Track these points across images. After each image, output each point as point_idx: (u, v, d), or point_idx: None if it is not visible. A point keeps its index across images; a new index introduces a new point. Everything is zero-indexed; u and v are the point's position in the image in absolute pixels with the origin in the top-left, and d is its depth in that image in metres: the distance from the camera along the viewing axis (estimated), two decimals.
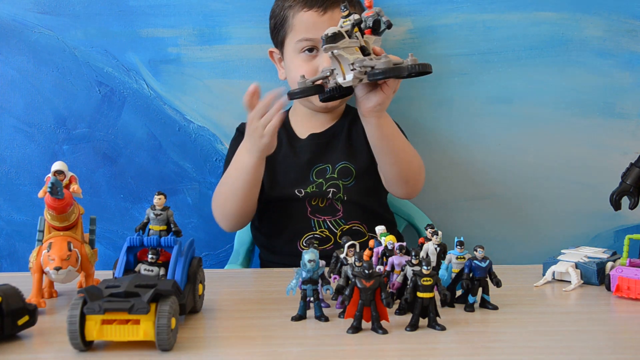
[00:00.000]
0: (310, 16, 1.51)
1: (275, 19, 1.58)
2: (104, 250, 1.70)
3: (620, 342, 0.93)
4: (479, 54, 1.71)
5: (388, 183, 1.49)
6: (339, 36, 1.18)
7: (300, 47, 1.52)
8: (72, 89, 1.69)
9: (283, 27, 1.56)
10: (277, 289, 1.17)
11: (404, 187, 1.49)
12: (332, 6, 1.50)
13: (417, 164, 1.49)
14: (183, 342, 0.88)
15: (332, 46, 1.18)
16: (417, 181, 1.50)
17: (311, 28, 1.50)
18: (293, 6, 1.53)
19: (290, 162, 1.56)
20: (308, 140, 1.59)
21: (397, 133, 1.43)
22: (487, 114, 1.73)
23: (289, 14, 1.54)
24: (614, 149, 1.73)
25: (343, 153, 1.57)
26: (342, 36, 1.18)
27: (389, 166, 1.45)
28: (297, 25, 1.53)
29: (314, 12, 1.50)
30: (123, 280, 0.88)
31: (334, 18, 1.49)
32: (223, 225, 1.53)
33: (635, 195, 1.29)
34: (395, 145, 1.42)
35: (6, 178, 1.70)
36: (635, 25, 1.70)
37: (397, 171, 1.45)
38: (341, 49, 1.18)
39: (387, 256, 1.07)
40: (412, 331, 0.93)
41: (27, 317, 0.91)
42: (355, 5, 1.55)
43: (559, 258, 1.25)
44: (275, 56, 1.62)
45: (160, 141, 1.71)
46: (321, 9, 1.50)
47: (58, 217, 1.05)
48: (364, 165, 1.56)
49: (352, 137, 1.60)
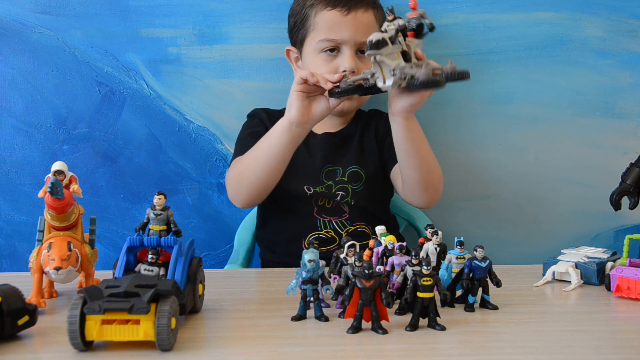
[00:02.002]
0: (334, 15, 1.50)
1: (296, 17, 1.57)
2: (104, 250, 1.70)
3: (620, 342, 0.93)
4: (479, 54, 1.71)
5: (407, 189, 1.46)
6: (383, 43, 1.17)
7: (322, 47, 1.51)
8: (72, 89, 1.69)
9: (304, 26, 1.54)
10: (277, 289, 1.17)
11: (422, 195, 1.45)
12: (356, 6, 1.49)
13: (438, 175, 1.46)
14: (183, 342, 0.88)
15: (375, 52, 1.17)
16: (436, 192, 1.47)
17: (334, 28, 1.49)
18: (315, 5, 1.52)
19: (302, 158, 1.55)
20: (322, 137, 1.58)
21: (423, 138, 1.40)
22: (487, 114, 1.73)
23: (311, 12, 1.52)
24: (614, 149, 1.73)
25: (354, 157, 1.57)
26: (386, 43, 1.17)
27: (411, 170, 1.41)
28: (319, 24, 1.51)
29: (338, 11, 1.49)
30: (123, 280, 0.88)
31: (357, 18, 1.48)
32: (237, 198, 1.48)
33: (635, 195, 1.29)
34: (420, 149, 1.38)
35: (6, 178, 1.70)
36: (635, 25, 1.70)
37: (418, 176, 1.41)
38: (384, 56, 1.18)
39: (387, 256, 1.07)
40: (412, 331, 0.93)
41: (27, 317, 0.91)
42: (377, 8, 1.54)
43: (559, 258, 1.25)
44: (292, 55, 1.61)
45: (160, 141, 1.71)
46: (345, 9, 1.49)
47: (58, 217, 1.05)
48: (373, 171, 1.56)
49: (364, 141, 1.60)
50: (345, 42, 1.49)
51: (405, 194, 1.48)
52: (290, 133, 1.36)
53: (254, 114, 1.63)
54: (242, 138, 1.58)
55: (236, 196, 1.49)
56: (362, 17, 1.49)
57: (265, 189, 1.46)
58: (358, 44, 1.49)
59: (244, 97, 1.70)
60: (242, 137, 1.59)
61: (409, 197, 1.48)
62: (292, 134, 1.36)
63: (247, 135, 1.57)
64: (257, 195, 1.47)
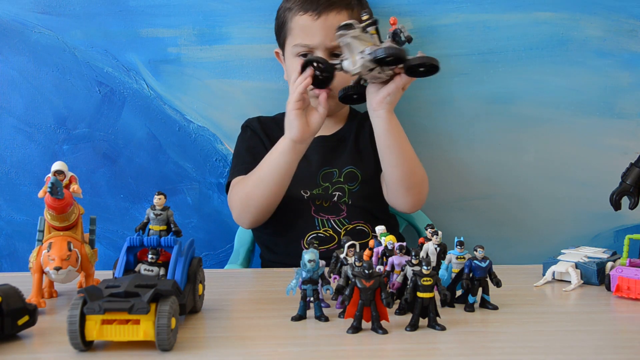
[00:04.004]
0: (305, 20, 1.52)
1: (278, 20, 1.59)
2: (104, 250, 1.70)
3: (620, 342, 0.93)
4: (479, 54, 1.71)
5: (390, 190, 1.48)
6: (350, 25, 1.23)
7: (296, 51, 1.53)
8: (72, 89, 1.69)
9: (283, 30, 1.57)
10: (277, 289, 1.17)
11: (405, 195, 1.46)
12: (325, 10, 1.51)
13: (420, 175, 1.47)
14: (183, 342, 0.88)
15: (343, 33, 1.22)
16: (419, 193, 1.48)
17: (306, 32, 1.51)
18: (292, 8, 1.54)
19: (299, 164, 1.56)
20: (318, 141, 1.59)
21: (404, 136, 1.42)
22: (487, 114, 1.73)
23: (288, 16, 1.55)
24: (614, 149, 1.73)
25: (350, 158, 1.58)
26: (353, 27, 1.23)
27: (393, 167, 1.43)
28: (294, 29, 1.54)
29: (309, 15, 1.51)
30: (123, 280, 0.88)
31: (328, 22, 1.50)
32: (245, 219, 1.50)
33: (635, 195, 1.29)
34: (401, 146, 1.40)
35: (6, 178, 1.70)
36: (635, 25, 1.70)
37: (400, 174, 1.43)
38: (351, 37, 1.21)
39: (387, 256, 1.07)
40: (412, 331, 0.93)
41: (27, 317, 0.91)
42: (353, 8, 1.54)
43: (559, 258, 1.25)
44: (280, 56, 1.63)
45: (160, 141, 1.71)
46: (315, 13, 1.51)
47: (58, 217, 1.05)
48: (369, 171, 1.56)
49: (360, 142, 1.60)
50: (316, 46, 1.50)
51: (390, 198, 1.50)
52: (294, 151, 1.40)
53: (247, 125, 1.64)
54: (239, 154, 1.60)
55: (244, 218, 1.51)
56: (334, 20, 1.49)
57: (273, 208, 1.49)
58: (329, 48, 1.50)
59: (244, 97, 1.70)
60: (238, 152, 1.61)
61: (393, 200, 1.49)
62: (296, 152, 1.41)
63: (244, 151, 1.59)
64: (265, 215, 1.50)
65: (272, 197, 1.46)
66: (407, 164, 1.42)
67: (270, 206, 1.48)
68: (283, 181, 1.44)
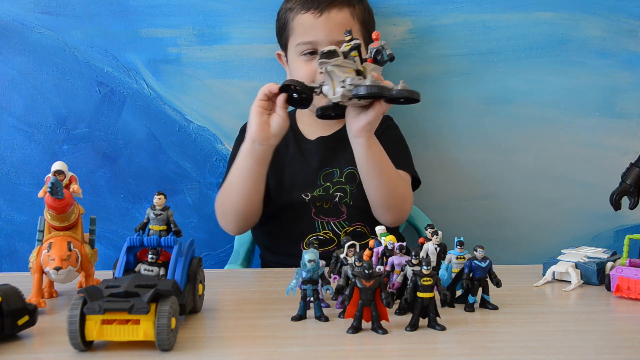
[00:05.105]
0: (307, 18, 1.52)
1: (279, 21, 1.59)
2: (104, 250, 1.70)
3: (620, 342, 0.93)
4: (479, 54, 1.71)
5: (372, 207, 1.47)
6: (334, 54, 1.22)
7: (300, 50, 1.53)
8: (72, 89, 1.69)
9: (285, 30, 1.57)
10: (277, 289, 1.17)
11: (386, 214, 1.46)
12: (328, 7, 1.51)
13: (402, 193, 1.46)
14: (183, 342, 0.88)
15: (325, 61, 1.22)
16: (399, 212, 1.47)
17: (308, 30, 1.51)
18: (293, 9, 1.54)
19: (298, 165, 1.56)
20: (317, 142, 1.59)
21: (385, 159, 1.41)
22: (487, 114, 1.73)
23: (289, 16, 1.55)
24: (614, 149, 1.73)
25: (350, 157, 1.57)
26: (337, 54, 1.22)
27: (374, 189, 1.43)
28: (296, 28, 1.54)
29: (311, 14, 1.51)
30: (123, 280, 0.88)
31: (330, 19, 1.50)
32: (228, 227, 1.51)
33: (635, 195, 1.29)
34: (382, 169, 1.40)
35: (6, 178, 1.70)
36: (635, 25, 1.70)
37: (380, 196, 1.43)
38: (333, 66, 1.21)
39: (387, 256, 1.07)
40: (412, 331, 0.93)
41: (27, 317, 0.91)
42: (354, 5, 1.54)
43: (559, 258, 1.25)
44: (282, 58, 1.63)
45: (160, 141, 1.71)
46: (317, 11, 1.51)
47: (58, 217, 1.05)
48: None
49: None
50: (320, 43, 1.50)
51: (374, 213, 1.49)
52: (253, 153, 1.38)
53: (242, 129, 1.63)
54: (230, 159, 1.58)
55: (226, 226, 1.51)
56: (336, 17, 1.50)
57: (250, 214, 1.47)
58: (333, 44, 1.49)
59: (244, 97, 1.70)
60: (230, 157, 1.60)
61: (376, 215, 1.49)
62: (256, 154, 1.38)
63: (233, 156, 1.57)
64: (245, 220, 1.48)
65: (243, 202, 1.44)
66: (387, 185, 1.42)
67: (247, 213, 1.46)
68: (250, 186, 1.42)
